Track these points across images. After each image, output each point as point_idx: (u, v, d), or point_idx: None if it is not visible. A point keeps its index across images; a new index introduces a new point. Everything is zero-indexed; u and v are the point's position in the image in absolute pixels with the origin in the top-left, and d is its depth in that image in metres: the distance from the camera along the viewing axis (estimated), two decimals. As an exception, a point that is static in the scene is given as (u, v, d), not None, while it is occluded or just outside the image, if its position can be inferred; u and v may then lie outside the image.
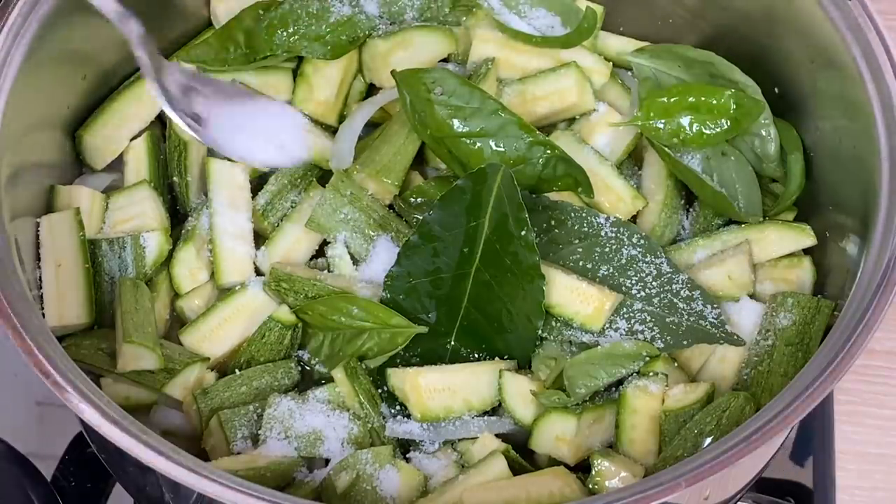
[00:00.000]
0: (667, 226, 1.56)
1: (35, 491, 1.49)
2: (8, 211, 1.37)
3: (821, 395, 1.21)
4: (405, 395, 1.40)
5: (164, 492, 1.35)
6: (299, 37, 1.58)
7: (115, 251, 1.49)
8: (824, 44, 1.48)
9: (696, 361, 1.47)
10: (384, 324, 1.43)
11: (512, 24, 1.64)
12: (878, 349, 1.72)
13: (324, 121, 1.62)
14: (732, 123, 1.55)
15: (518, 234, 1.41)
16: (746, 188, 1.57)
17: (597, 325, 1.43)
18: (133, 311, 1.42)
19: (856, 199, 1.44)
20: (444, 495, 1.31)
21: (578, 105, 1.60)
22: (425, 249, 1.44)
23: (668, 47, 1.66)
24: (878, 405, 1.69)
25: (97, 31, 1.54)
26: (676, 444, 1.36)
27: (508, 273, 1.42)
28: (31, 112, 1.45)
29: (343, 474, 1.33)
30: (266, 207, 1.56)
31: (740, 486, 1.43)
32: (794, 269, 1.53)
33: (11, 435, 1.54)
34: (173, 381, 1.43)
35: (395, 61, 1.60)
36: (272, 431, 1.38)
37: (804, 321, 1.44)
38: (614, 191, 1.55)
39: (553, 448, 1.39)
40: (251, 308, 1.49)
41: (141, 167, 1.57)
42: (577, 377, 1.39)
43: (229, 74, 1.60)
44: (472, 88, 1.51)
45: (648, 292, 1.46)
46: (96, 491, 1.59)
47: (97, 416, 1.18)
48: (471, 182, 1.43)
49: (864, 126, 1.42)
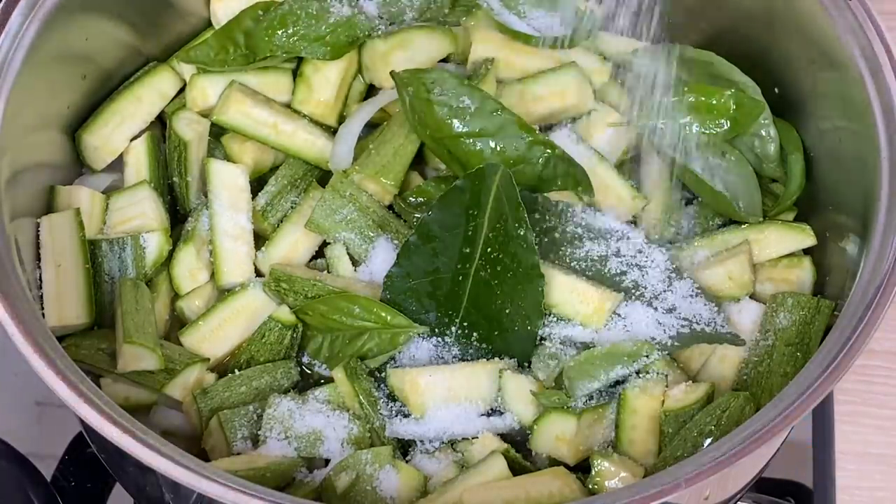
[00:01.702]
0: (667, 226, 1.56)
1: (35, 491, 1.49)
2: (8, 211, 1.37)
3: (821, 395, 1.22)
4: (405, 395, 1.40)
5: (164, 492, 1.35)
6: (299, 37, 1.58)
7: (115, 251, 1.49)
8: (824, 44, 1.48)
9: (696, 361, 1.47)
10: (385, 323, 1.43)
11: (512, 24, 1.64)
12: (878, 349, 1.72)
13: (324, 121, 1.62)
14: (732, 123, 1.55)
15: (517, 233, 1.41)
16: (746, 188, 1.57)
17: (597, 326, 1.44)
18: (133, 312, 1.42)
19: (856, 199, 1.44)
20: (444, 495, 1.31)
21: (578, 105, 1.60)
22: (424, 250, 1.44)
23: (668, 47, 1.66)
24: (878, 405, 1.69)
25: (97, 31, 1.55)
26: (676, 444, 1.36)
27: (508, 273, 1.42)
28: (31, 112, 1.45)
29: (343, 474, 1.33)
30: (266, 208, 1.56)
31: (740, 486, 1.43)
32: (794, 269, 1.53)
33: (11, 435, 1.54)
34: (173, 382, 1.42)
35: (395, 62, 1.60)
36: (272, 432, 1.38)
37: (804, 321, 1.44)
38: (614, 191, 1.55)
39: (553, 448, 1.39)
40: (251, 309, 1.49)
41: (141, 167, 1.57)
42: (577, 377, 1.39)
43: (229, 75, 1.60)
44: (472, 88, 1.51)
45: (648, 292, 1.46)
46: (96, 491, 1.59)
47: (97, 416, 1.18)
48: (470, 182, 1.43)
49: (864, 126, 1.42)
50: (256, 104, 1.58)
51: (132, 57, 1.64)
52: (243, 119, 1.57)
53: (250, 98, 1.58)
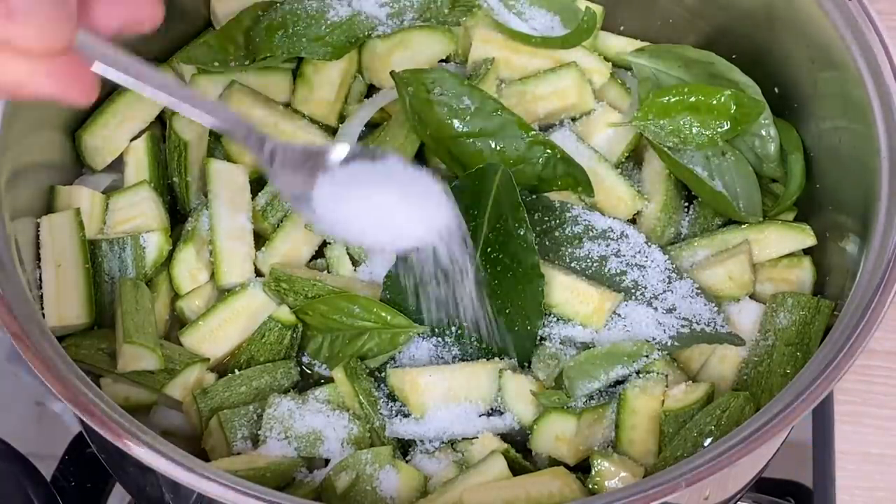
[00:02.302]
0: (667, 226, 1.56)
1: (35, 491, 1.49)
2: (8, 211, 1.37)
3: (821, 395, 1.21)
4: (405, 395, 1.40)
5: (164, 492, 1.35)
6: (299, 37, 1.58)
7: (115, 251, 1.49)
8: (824, 44, 1.48)
9: (696, 361, 1.47)
10: (385, 323, 1.43)
11: (511, 24, 1.64)
12: (878, 349, 1.72)
13: (324, 121, 1.62)
14: (732, 123, 1.55)
15: (517, 233, 1.41)
16: (746, 188, 1.57)
17: (597, 326, 1.44)
18: (133, 312, 1.42)
19: (856, 199, 1.44)
20: (444, 495, 1.31)
21: (578, 105, 1.60)
22: (425, 250, 1.44)
23: (668, 47, 1.66)
24: (878, 405, 1.69)
25: (97, 31, 1.54)
26: (676, 444, 1.36)
27: (508, 273, 1.42)
28: (31, 112, 1.45)
29: (343, 474, 1.33)
30: (266, 208, 1.56)
31: (740, 486, 1.43)
32: (794, 269, 1.53)
33: (11, 435, 1.54)
34: (173, 382, 1.42)
35: (395, 61, 1.60)
36: (272, 431, 1.38)
37: (804, 321, 1.44)
38: (614, 191, 1.55)
39: (553, 448, 1.39)
40: (251, 309, 1.48)
41: (141, 167, 1.57)
42: (577, 377, 1.39)
43: (229, 75, 1.60)
44: (472, 88, 1.51)
45: (648, 292, 1.46)
46: (96, 491, 1.59)
47: (97, 417, 1.18)
48: (469, 182, 1.43)
49: (864, 126, 1.42)
50: (256, 104, 1.58)
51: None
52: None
53: (250, 98, 1.58)
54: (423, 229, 1.25)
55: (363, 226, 1.22)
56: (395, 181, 1.22)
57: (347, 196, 1.20)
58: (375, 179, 1.21)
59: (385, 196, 1.22)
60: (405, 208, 1.23)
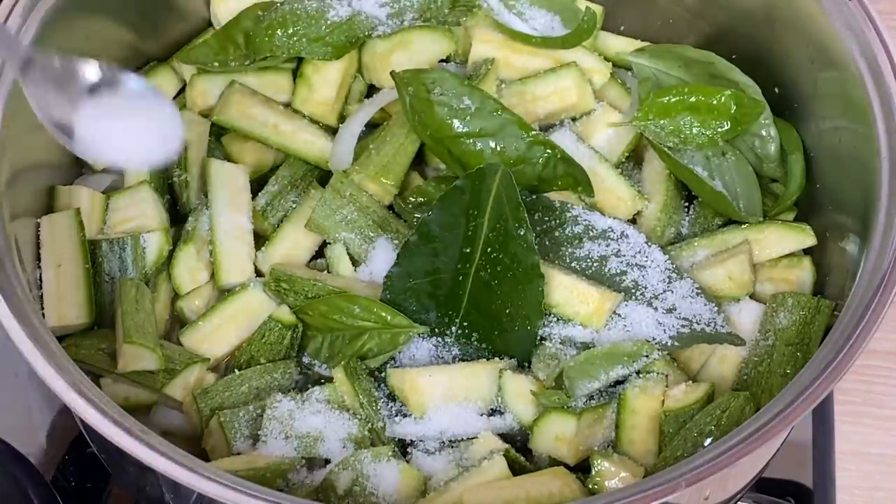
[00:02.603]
0: (667, 226, 1.56)
1: (35, 491, 1.49)
2: (8, 211, 1.37)
3: (821, 395, 1.21)
4: (405, 395, 1.40)
5: (164, 492, 1.35)
6: (299, 37, 1.58)
7: (115, 251, 1.49)
8: (824, 44, 1.48)
9: (696, 361, 1.47)
10: (385, 323, 1.43)
11: (511, 24, 1.64)
12: (878, 349, 1.72)
13: (324, 121, 1.62)
14: (732, 123, 1.55)
15: (517, 233, 1.41)
16: (746, 188, 1.57)
17: (597, 325, 1.44)
18: (133, 312, 1.42)
19: (856, 199, 1.44)
20: (444, 495, 1.31)
21: (578, 105, 1.60)
22: (424, 250, 1.44)
23: (668, 47, 1.66)
24: (878, 405, 1.69)
25: (97, 31, 1.54)
26: (676, 444, 1.36)
27: (508, 273, 1.42)
28: (31, 112, 1.45)
29: (343, 474, 1.33)
30: (266, 208, 1.56)
31: (740, 486, 1.43)
32: (794, 269, 1.53)
33: (11, 435, 1.54)
34: (173, 382, 1.43)
35: (395, 62, 1.61)
36: (272, 431, 1.38)
37: (804, 321, 1.44)
38: (614, 191, 1.55)
39: (553, 448, 1.39)
40: (251, 309, 1.49)
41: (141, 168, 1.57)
42: (577, 377, 1.39)
43: (229, 75, 1.60)
44: (472, 88, 1.51)
45: (649, 292, 1.46)
46: (96, 491, 1.59)
47: (97, 416, 1.18)
48: (469, 182, 1.43)
49: (864, 126, 1.42)
50: (256, 104, 1.58)
51: (132, 57, 1.64)
52: (243, 119, 1.57)
53: (250, 98, 1.58)
54: (170, 144, 1.33)
55: (120, 146, 1.32)
56: (139, 104, 1.33)
57: (108, 119, 1.31)
58: (125, 103, 1.32)
59: (135, 119, 1.33)
60: (154, 127, 1.34)
